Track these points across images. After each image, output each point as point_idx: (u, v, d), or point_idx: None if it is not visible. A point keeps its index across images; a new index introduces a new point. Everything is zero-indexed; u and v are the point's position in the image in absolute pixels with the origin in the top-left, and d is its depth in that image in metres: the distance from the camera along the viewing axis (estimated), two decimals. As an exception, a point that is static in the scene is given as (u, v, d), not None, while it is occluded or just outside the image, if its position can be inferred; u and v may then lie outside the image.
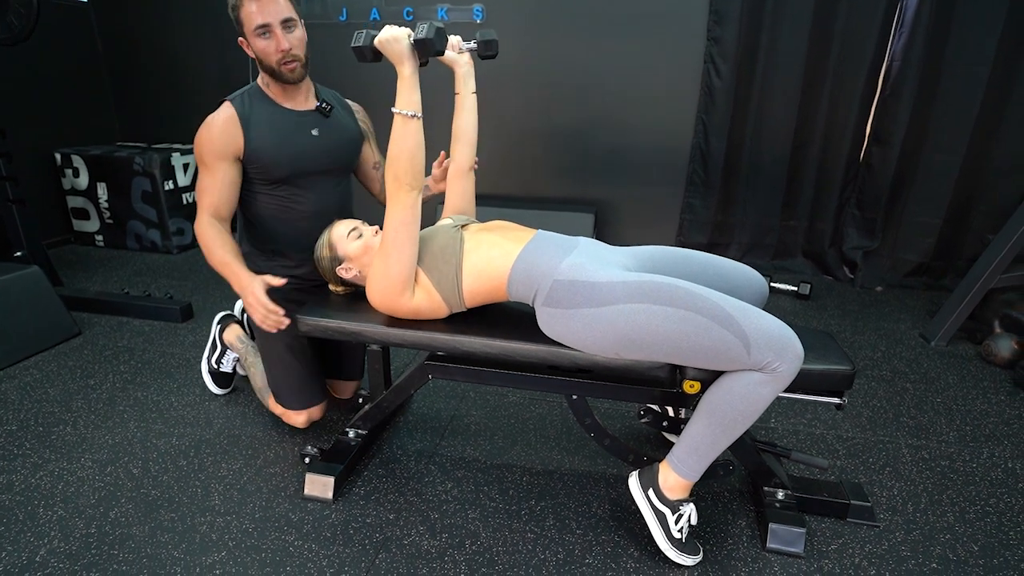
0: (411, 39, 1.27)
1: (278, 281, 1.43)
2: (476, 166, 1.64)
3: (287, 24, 1.45)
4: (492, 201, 3.08)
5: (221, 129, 1.48)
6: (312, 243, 1.57)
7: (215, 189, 1.49)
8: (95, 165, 3.26)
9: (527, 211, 3.04)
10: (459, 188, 1.61)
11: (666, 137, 3.07)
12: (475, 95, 1.57)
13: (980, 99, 2.58)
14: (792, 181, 2.99)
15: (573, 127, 3.16)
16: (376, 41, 1.29)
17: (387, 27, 1.28)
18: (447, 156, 1.66)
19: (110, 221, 3.38)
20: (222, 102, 1.52)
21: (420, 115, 1.28)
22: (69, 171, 3.31)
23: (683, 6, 2.84)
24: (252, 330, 1.78)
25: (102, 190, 3.31)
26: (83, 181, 3.32)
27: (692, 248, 1.46)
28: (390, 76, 1.40)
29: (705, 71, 2.89)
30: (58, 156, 3.30)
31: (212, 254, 1.48)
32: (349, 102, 1.75)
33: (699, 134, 3.00)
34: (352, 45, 1.32)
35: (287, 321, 1.41)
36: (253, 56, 1.50)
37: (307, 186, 1.59)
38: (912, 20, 2.58)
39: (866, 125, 2.83)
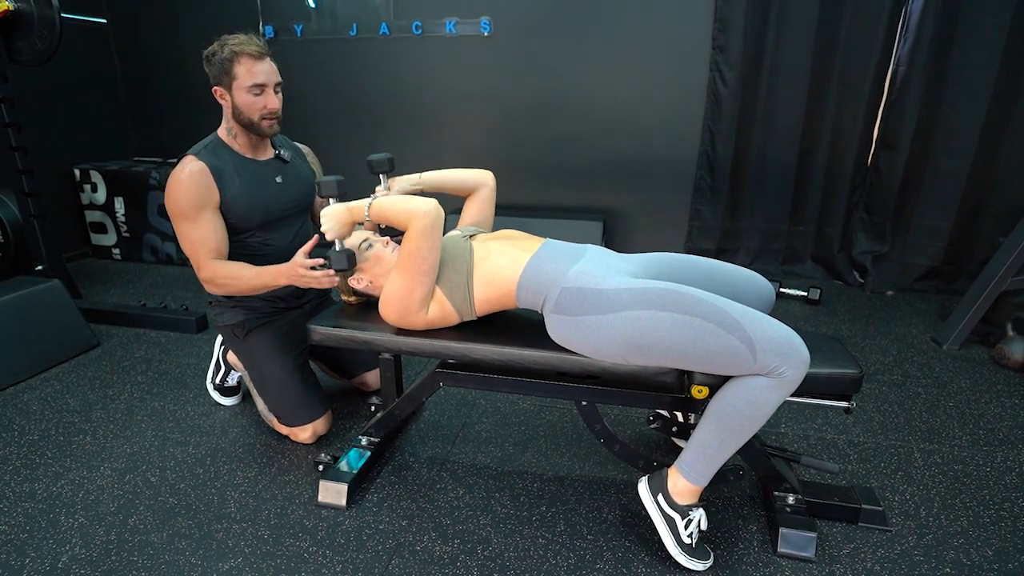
0: (332, 203, 1.40)
1: (308, 247, 1.47)
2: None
3: (277, 88, 1.57)
4: (501, 210, 3.05)
5: (199, 182, 1.52)
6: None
7: (210, 236, 1.53)
8: (113, 180, 3.34)
9: (536, 220, 3.06)
10: (475, 208, 1.65)
11: (673, 144, 3.09)
12: (425, 173, 1.58)
13: (987, 102, 2.58)
14: (800, 186, 3.00)
15: (581, 136, 3.18)
16: (327, 235, 1.39)
17: (325, 230, 1.40)
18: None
19: (127, 235, 3.45)
20: (183, 157, 1.56)
21: (374, 196, 1.39)
22: (88, 186, 3.40)
23: (688, 15, 2.87)
24: (238, 361, 1.83)
25: (119, 204, 3.38)
26: (101, 196, 3.40)
27: (701, 254, 1.47)
28: (398, 87, 1.44)
29: (711, 79, 2.91)
30: (77, 172, 3.38)
31: (241, 280, 1.53)
32: (298, 144, 1.84)
33: (706, 141, 3.02)
34: (336, 268, 1.40)
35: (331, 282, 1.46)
36: (229, 106, 1.56)
37: (275, 231, 1.68)
38: (917, 25, 2.59)
39: (873, 129, 2.83)
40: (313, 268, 1.44)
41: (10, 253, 2.89)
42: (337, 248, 1.40)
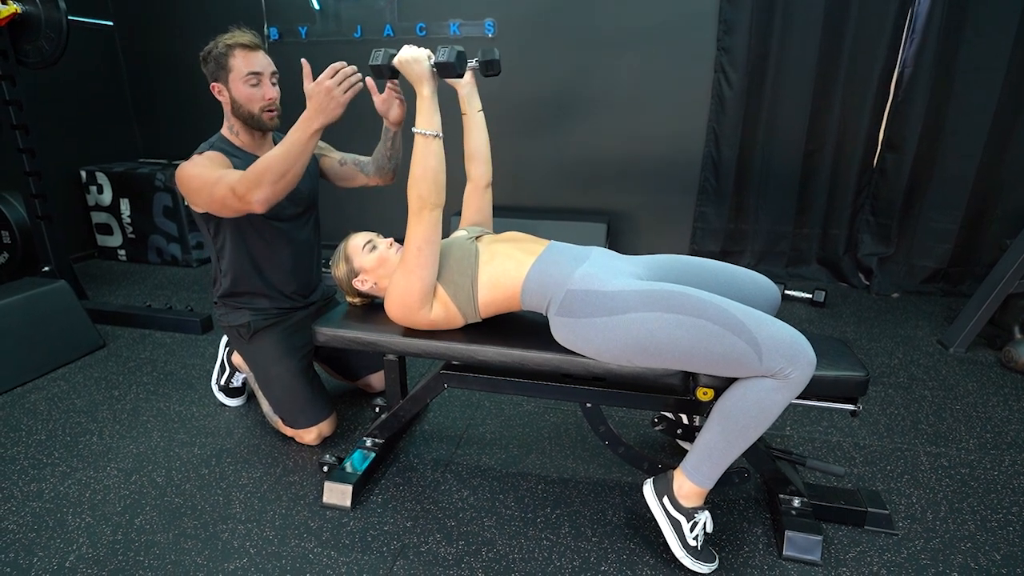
0: (431, 61, 1.31)
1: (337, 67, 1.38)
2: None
3: (274, 77, 1.58)
4: (506, 212, 3.10)
5: (212, 157, 1.52)
6: (291, 281, 1.70)
7: (232, 171, 1.45)
8: (118, 182, 3.36)
9: (540, 222, 3.06)
10: (475, 204, 1.64)
11: (677, 146, 3.08)
12: (482, 112, 1.59)
13: (995, 103, 2.57)
14: (805, 188, 2.99)
15: (585, 137, 3.18)
16: (396, 61, 1.33)
17: (406, 47, 1.33)
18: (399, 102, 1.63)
19: (132, 236, 3.47)
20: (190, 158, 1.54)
21: (441, 135, 1.31)
22: (94, 188, 3.41)
23: (692, 17, 2.86)
24: (244, 363, 1.83)
25: (125, 206, 3.40)
26: (107, 197, 3.41)
27: (705, 256, 1.47)
28: (401, 88, 1.45)
29: (715, 80, 2.90)
30: (83, 173, 3.40)
31: (276, 160, 1.35)
32: None
33: (710, 143, 3.01)
34: (370, 63, 1.37)
35: (358, 75, 1.38)
36: (228, 102, 1.57)
37: (281, 227, 1.66)
38: (923, 26, 2.58)
39: (879, 131, 2.82)
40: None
41: (17, 254, 2.91)
42: (393, 61, 1.32)
